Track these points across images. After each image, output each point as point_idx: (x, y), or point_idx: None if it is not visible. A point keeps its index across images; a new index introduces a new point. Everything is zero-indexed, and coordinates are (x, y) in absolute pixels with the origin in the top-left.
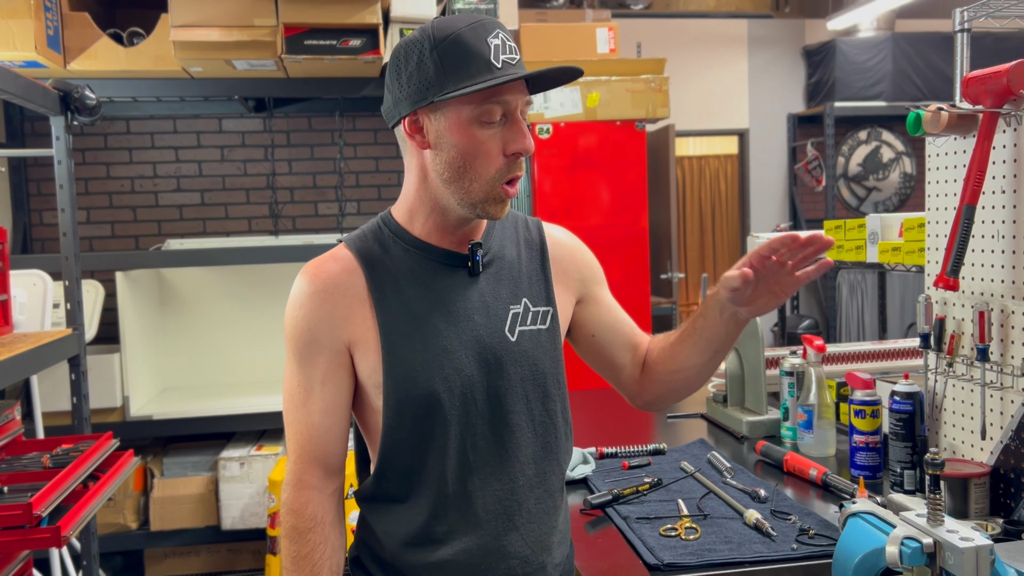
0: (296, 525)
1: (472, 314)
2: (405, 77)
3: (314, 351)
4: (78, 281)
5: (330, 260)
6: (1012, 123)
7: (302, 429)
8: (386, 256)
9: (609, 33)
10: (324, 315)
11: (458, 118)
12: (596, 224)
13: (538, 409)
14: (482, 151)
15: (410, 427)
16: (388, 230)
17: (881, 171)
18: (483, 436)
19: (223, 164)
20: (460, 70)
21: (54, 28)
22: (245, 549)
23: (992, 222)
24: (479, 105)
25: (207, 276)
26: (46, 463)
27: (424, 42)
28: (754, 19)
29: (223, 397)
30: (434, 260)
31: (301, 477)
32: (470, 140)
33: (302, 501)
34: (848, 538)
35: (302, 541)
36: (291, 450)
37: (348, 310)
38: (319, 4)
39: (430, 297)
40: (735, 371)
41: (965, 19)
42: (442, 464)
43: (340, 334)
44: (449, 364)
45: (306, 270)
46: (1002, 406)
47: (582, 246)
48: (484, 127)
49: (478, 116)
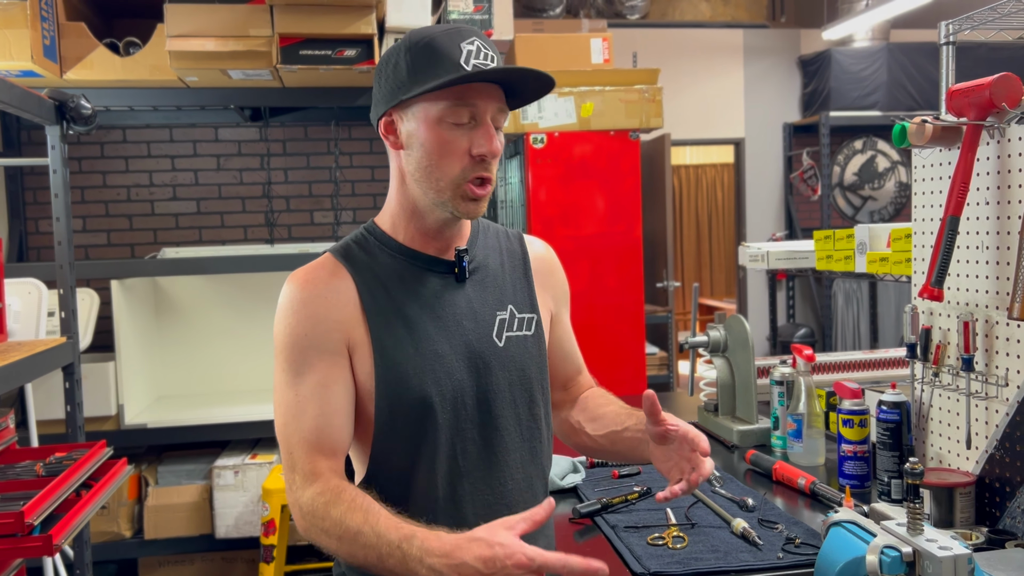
0: (325, 500)
1: (461, 319)
2: (383, 81)
3: (312, 356)
4: (73, 290)
5: (318, 267)
6: (995, 135)
7: (305, 438)
8: (373, 263)
9: (603, 43)
10: (320, 319)
11: (426, 117)
12: (590, 233)
13: (525, 414)
14: (447, 150)
15: (402, 432)
16: (373, 238)
17: (877, 180)
18: (473, 441)
19: (219, 173)
20: (428, 71)
21: (50, 38)
22: (239, 558)
23: (976, 233)
24: (447, 106)
25: (203, 285)
26: (39, 471)
27: (401, 47)
28: (750, 29)
29: (218, 406)
30: (420, 266)
31: (312, 470)
32: (437, 139)
33: (320, 484)
34: (830, 547)
35: (338, 503)
36: (294, 461)
37: (343, 313)
38: (314, 14)
39: (419, 302)
40: (726, 380)
41: (950, 32)
42: (432, 470)
43: (339, 336)
44: (441, 368)
45: (295, 278)
46: (987, 416)
47: (558, 264)
48: (451, 128)
49: (444, 116)
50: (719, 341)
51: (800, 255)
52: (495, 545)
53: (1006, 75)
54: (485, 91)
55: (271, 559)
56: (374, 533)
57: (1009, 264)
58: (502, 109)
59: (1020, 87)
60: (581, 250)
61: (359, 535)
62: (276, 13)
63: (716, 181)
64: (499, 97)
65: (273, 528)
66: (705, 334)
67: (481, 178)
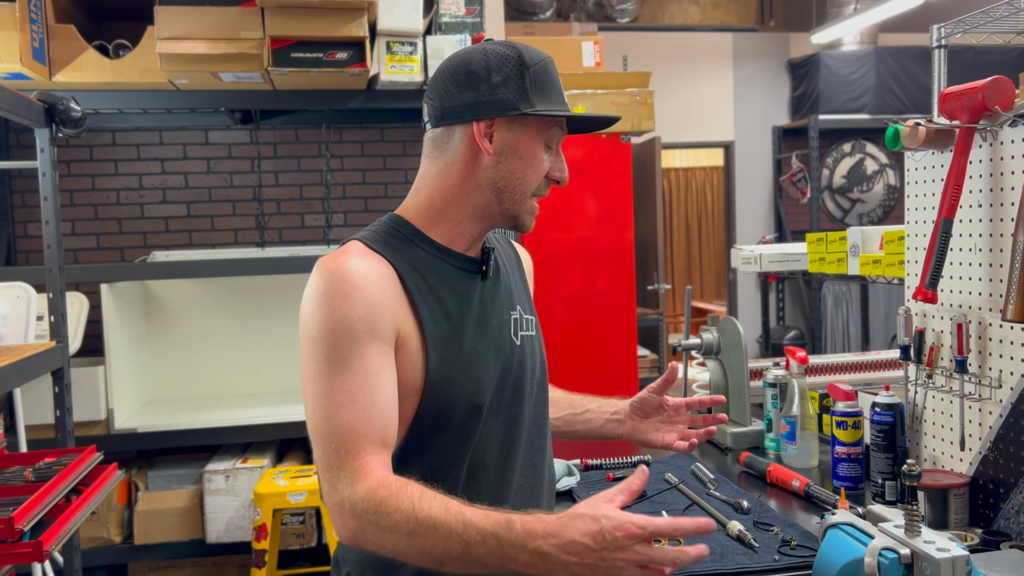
0: (388, 494)
1: (490, 317)
2: (491, 84)
3: (362, 343)
4: (62, 293)
5: (357, 253)
6: (988, 138)
7: (352, 433)
8: (411, 255)
9: (595, 47)
10: (375, 303)
11: (531, 136)
12: (582, 236)
13: (541, 411)
14: (538, 169)
15: (441, 431)
16: (405, 232)
17: (865, 183)
18: (495, 439)
19: (209, 176)
20: (546, 94)
21: (39, 40)
22: (230, 563)
23: (969, 235)
24: (549, 130)
25: (193, 288)
26: (28, 477)
27: (516, 59)
28: (739, 32)
29: (208, 410)
30: (454, 264)
31: (362, 466)
32: (535, 157)
33: (374, 479)
34: (827, 549)
35: (406, 495)
36: (341, 458)
37: (392, 301)
38: (306, 17)
39: (457, 299)
40: (719, 382)
41: (942, 35)
42: (455, 469)
43: (391, 324)
44: (481, 367)
45: (333, 262)
46: (981, 417)
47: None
48: (545, 150)
49: (547, 139)
50: (712, 343)
51: (792, 257)
52: (601, 519)
53: (999, 78)
54: (561, 122)
55: (263, 564)
56: (460, 522)
57: (1002, 266)
58: None
59: (1013, 90)
60: (573, 253)
61: (439, 526)
62: (267, 15)
63: (706, 184)
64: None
65: (265, 533)
66: (698, 336)
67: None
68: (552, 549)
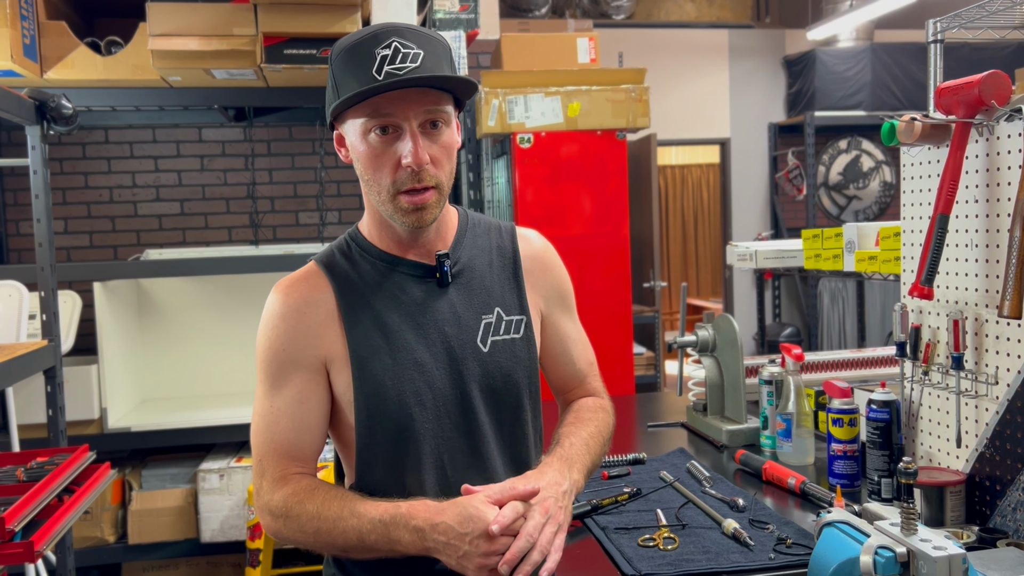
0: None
1: (443, 326)
2: (331, 86)
3: (288, 371)
4: (54, 292)
5: (300, 279)
6: (984, 133)
7: (276, 448)
8: (354, 271)
9: (590, 43)
10: (298, 334)
11: (355, 129)
12: (578, 233)
13: (508, 420)
14: (378, 162)
15: (383, 443)
16: (355, 245)
17: (861, 180)
18: (460, 450)
19: (203, 174)
20: (346, 83)
21: (30, 37)
22: (225, 562)
23: (966, 231)
24: (367, 118)
25: (186, 286)
26: (20, 477)
27: (330, 56)
28: (735, 29)
29: (202, 408)
30: (402, 272)
31: (281, 475)
32: (367, 151)
33: (291, 486)
34: (823, 547)
35: (313, 498)
36: (264, 468)
37: (321, 328)
38: (299, 13)
39: (399, 310)
40: (715, 380)
41: (938, 30)
42: (419, 480)
43: (315, 352)
44: (420, 378)
45: (278, 288)
46: (977, 414)
47: (554, 262)
48: (379, 139)
49: (368, 128)
50: (708, 340)
51: (788, 254)
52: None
53: (995, 72)
54: (404, 98)
55: (257, 563)
56: (354, 515)
57: (999, 262)
58: (433, 111)
59: (1009, 85)
60: (568, 250)
61: (339, 521)
62: (260, 12)
63: (702, 181)
64: (427, 100)
65: (259, 532)
66: (694, 333)
67: (413, 188)
68: (426, 526)
